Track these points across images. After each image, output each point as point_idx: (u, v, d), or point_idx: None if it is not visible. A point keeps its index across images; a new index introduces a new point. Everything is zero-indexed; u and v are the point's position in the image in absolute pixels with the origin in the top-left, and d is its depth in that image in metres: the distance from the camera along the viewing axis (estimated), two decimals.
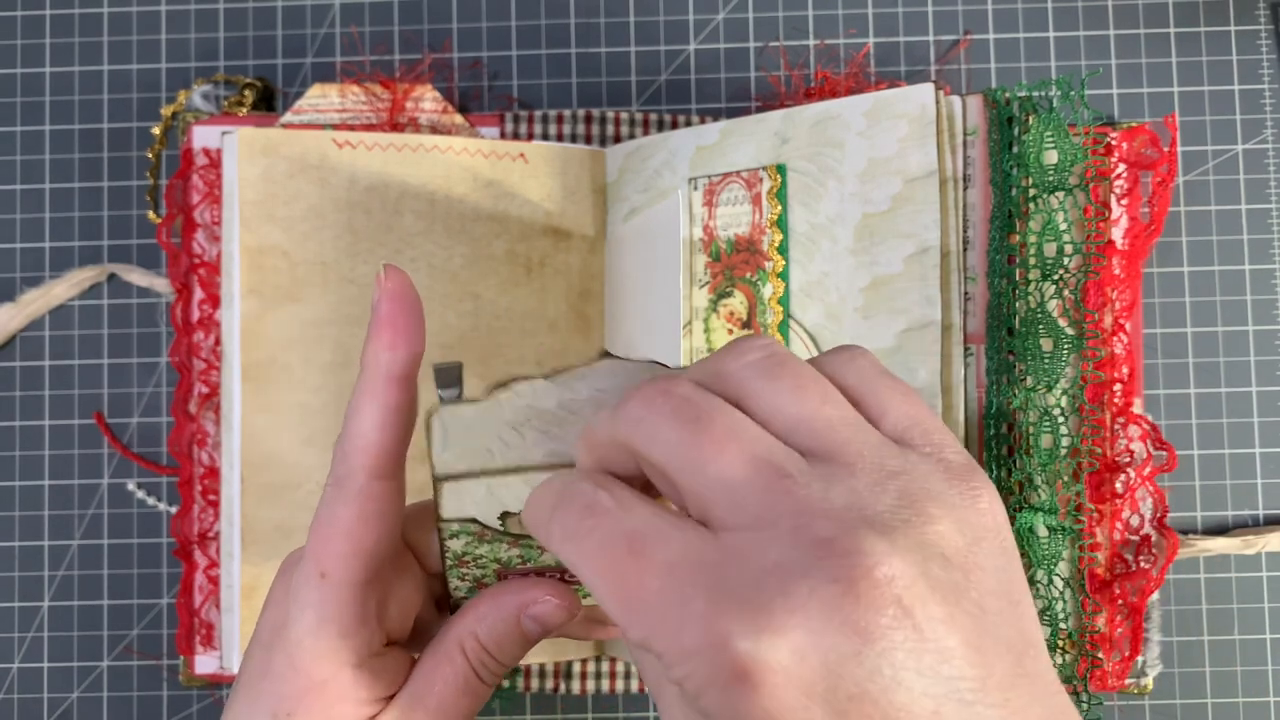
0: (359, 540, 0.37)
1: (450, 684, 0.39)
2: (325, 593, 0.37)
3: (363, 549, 0.37)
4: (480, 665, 0.39)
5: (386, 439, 0.37)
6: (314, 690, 0.37)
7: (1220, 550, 0.60)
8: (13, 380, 0.64)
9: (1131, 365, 0.56)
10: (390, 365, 0.37)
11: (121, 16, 0.65)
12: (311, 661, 0.37)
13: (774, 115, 0.55)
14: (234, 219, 0.57)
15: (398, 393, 0.38)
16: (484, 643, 0.39)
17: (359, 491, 0.37)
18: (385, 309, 0.38)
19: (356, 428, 0.37)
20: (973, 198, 0.52)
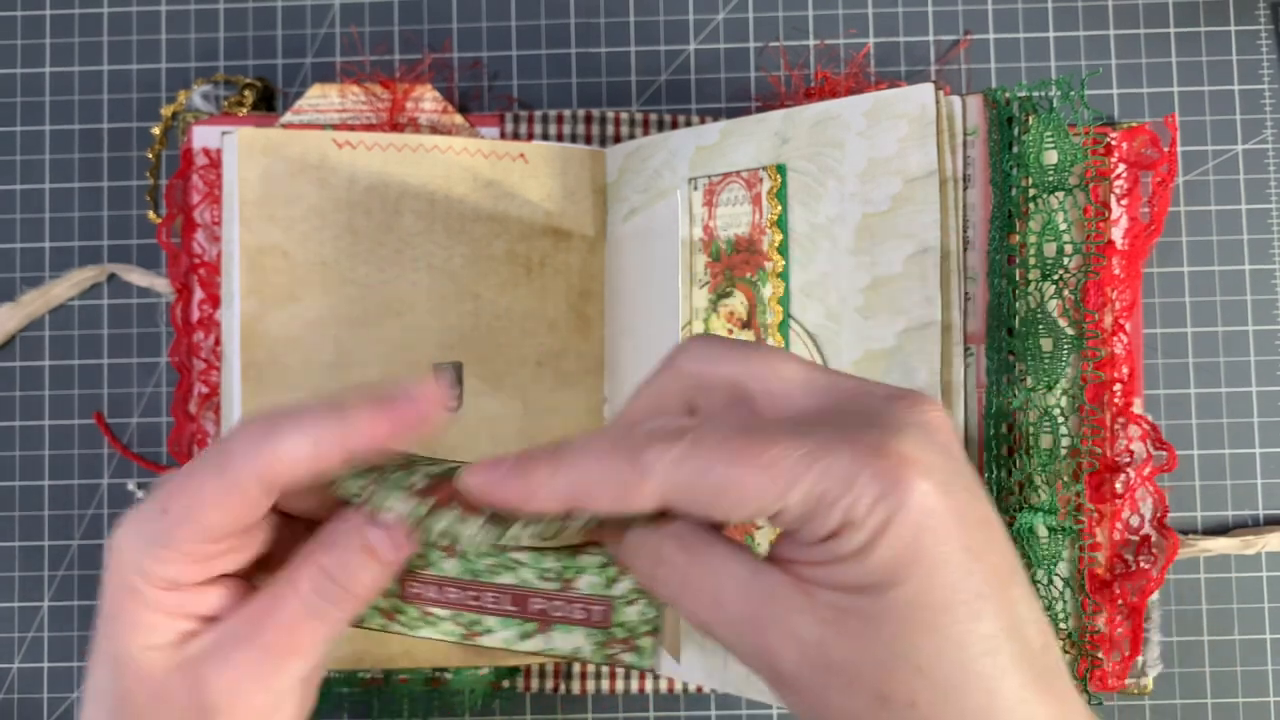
0: (206, 517, 0.36)
1: (282, 618, 0.37)
2: (158, 529, 0.36)
3: (205, 524, 0.36)
4: (319, 593, 0.37)
5: (293, 469, 0.36)
6: (129, 594, 0.37)
7: (1220, 550, 0.60)
8: (13, 380, 0.64)
9: (1131, 365, 0.56)
10: (353, 433, 0.37)
11: (121, 16, 0.65)
12: (127, 571, 0.37)
13: (774, 115, 0.55)
14: (234, 219, 0.57)
15: (336, 454, 0.37)
16: (324, 566, 0.37)
17: (237, 489, 0.36)
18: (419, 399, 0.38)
19: (290, 440, 0.36)
20: (973, 198, 0.52)
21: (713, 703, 0.62)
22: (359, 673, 0.60)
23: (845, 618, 0.32)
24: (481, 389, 0.58)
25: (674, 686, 0.62)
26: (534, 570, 0.39)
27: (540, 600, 0.39)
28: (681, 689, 0.62)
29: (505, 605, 0.39)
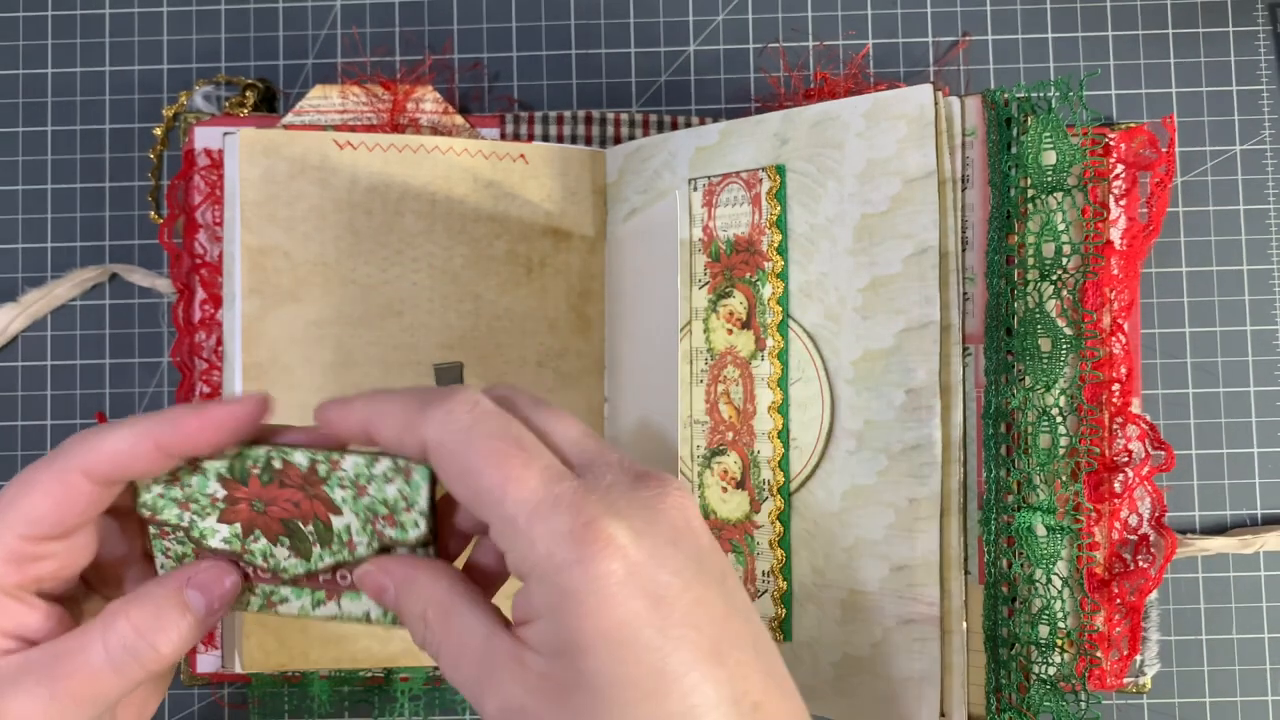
0: (30, 505, 0.37)
1: (81, 665, 0.38)
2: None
3: (28, 513, 0.37)
4: (126, 649, 0.38)
5: (114, 463, 0.37)
6: None
7: (1218, 550, 0.61)
8: (15, 380, 0.64)
9: (1130, 365, 0.56)
10: (171, 433, 0.38)
11: (123, 18, 0.65)
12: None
13: (773, 116, 0.55)
14: (235, 219, 0.58)
15: (156, 454, 0.38)
16: (136, 623, 0.38)
17: (60, 476, 0.37)
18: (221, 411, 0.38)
19: (113, 433, 0.37)
20: (971, 198, 0.52)
21: None
22: (359, 672, 0.60)
23: (545, 684, 0.34)
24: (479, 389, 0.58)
25: None
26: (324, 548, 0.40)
27: (327, 573, 0.41)
28: None
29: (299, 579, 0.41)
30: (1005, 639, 0.52)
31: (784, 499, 0.54)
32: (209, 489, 0.40)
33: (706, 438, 0.57)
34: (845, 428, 0.53)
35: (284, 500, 0.40)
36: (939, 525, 0.49)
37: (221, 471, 0.39)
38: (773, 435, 0.55)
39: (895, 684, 0.50)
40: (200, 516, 0.40)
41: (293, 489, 0.39)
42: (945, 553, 0.50)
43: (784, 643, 0.54)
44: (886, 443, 0.51)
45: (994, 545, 0.52)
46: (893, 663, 0.50)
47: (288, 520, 0.40)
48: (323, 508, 0.40)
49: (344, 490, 0.39)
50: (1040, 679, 0.52)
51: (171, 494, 0.40)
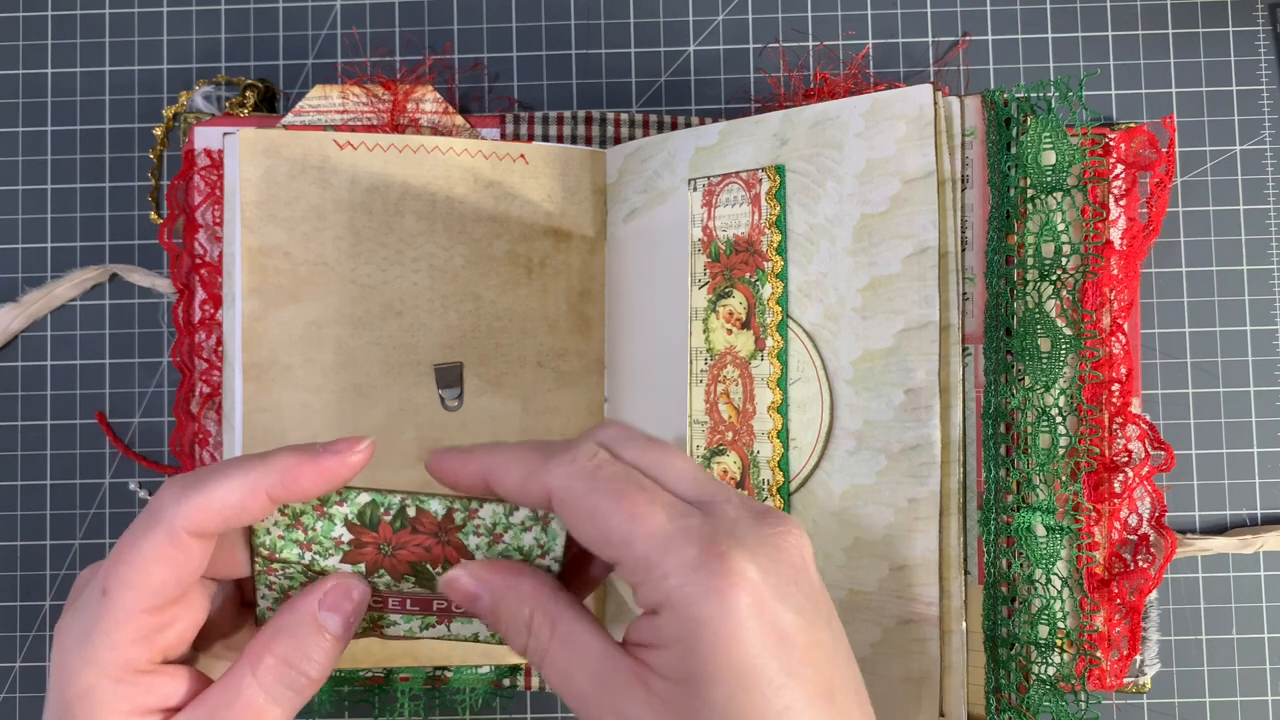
0: (145, 575, 0.37)
1: (238, 708, 0.38)
2: (101, 608, 0.37)
3: (145, 583, 0.37)
4: (280, 681, 0.39)
5: (223, 513, 0.37)
6: (78, 701, 0.38)
7: (1218, 549, 0.61)
8: (15, 380, 0.64)
9: (1129, 365, 0.56)
10: (278, 480, 0.38)
11: (123, 18, 0.65)
12: (75, 673, 0.38)
13: (773, 116, 0.55)
14: (235, 219, 0.58)
15: (261, 499, 0.38)
16: (282, 656, 0.39)
17: (167, 537, 0.37)
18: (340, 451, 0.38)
19: (210, 482, 0.37)
20: (971, 198, 0.52)
21: None
22: (359, 672, 0.60)
23: (670, 709, 0.35)
24: (482, 389, 0.59)
25: None
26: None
27: (442, 600, 0.41)
28: None
29: (409, 606, 0.42)
30: (1005, 639, 0.52)
31: (783, 499, 0.54)
32: (335, 533, 0.39)
33: (706, 438, 0.57)
34: (845, 428, 0.53)
35: (415, 545, 0.40)
36: (938, 525, 0.49)
37: (350, 517, 0.39)
38: (772, 435, 0.55)
39: (895, 684, 0.50)
40: (322, 556, 0.40)
41: (425, 535, 0.40)
42: (945, 553, 0.50)
43: None
44: (886, 443, 0.51)
45: (993, 545, 0.52)
46: (892, 663, 0.50)
47: (416, 563, 0.40)
48: (455, 553, 0.40)
49: (479, 537, 0.40)
50: (1040, 679, 0.52)
51: (293, 535, 0.40)
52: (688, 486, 0.38)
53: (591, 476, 0.37)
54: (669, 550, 0.35)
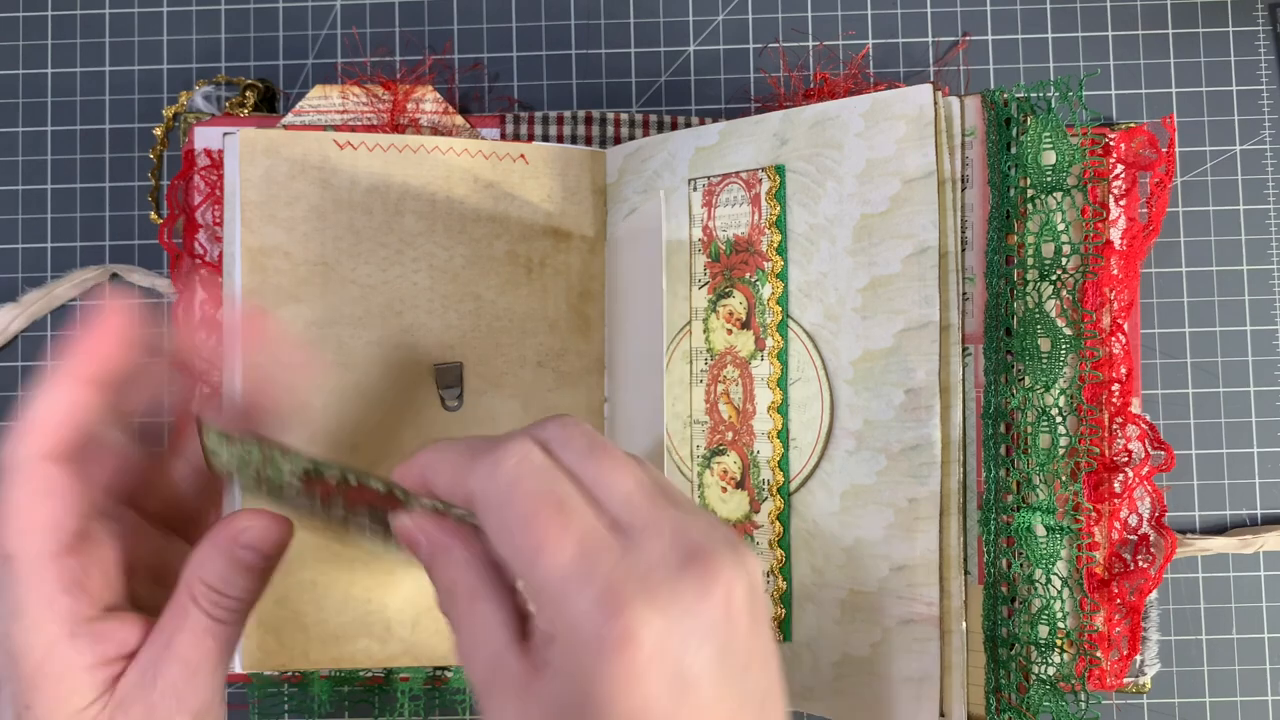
0: (31, 518, 0.38)
1: (189, 632, 0.40)
2: (15, 573, 0.38)
3: (36, 525, 0.38)
4: (214, 606, 0.40)
5: (58, 424, 0.38)
6: (38, 672, 0.38)
7: (1218, 549, 0.61)
8: (15, 380, 0.64)
9: (1129, 365, 0.56)
10: (78, 365, 0.39)
11: (123, 18, 0.65)
12: (23, 646, 0.38)
13: (773, 116, 0.55)
14: (235, 219, 0.58)
15: (81, 390, 0.39)
16: (211, 584, 0.40)
17: (26, 473, 0.38)
18: (95, 326, 0.40)
19: (30, 413, 0.39)
20: (971, 198, 0.52)
21: None
22: (359, 672, 0.60)
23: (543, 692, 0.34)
24: (482, 389, 0.59)
25: None
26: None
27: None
28: None
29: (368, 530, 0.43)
30: (1005, 639, 0.52)
31: (784, 499, 0.54)
32: (285, 478, 0.41)
33: (706, 438, 0.57)
34: (845, 428, 0.53)
35: (362, 501, 0.41)
36: (938, 525, 0.49)
37: (297, 471, 0.41)
38: (772, 435, 0.55)
39: (895, 684, 0.50)
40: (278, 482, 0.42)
41: (370, 499, 0.41)
42: (945, 553, 0.50)
43: (783, 643, 0.54)
44: (886, 443, 0.51)
45: (993, 545, 0.52)
46: (892, 663, 0.50)
47: (370, 506, 0.42)
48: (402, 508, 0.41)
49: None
50: (1040, 679, 0.52)
51: (247, 472, 0.41)
52: (620, 508, 0.36)
53: (511, 487, 0.36)
54: (570, 587, 0.34)
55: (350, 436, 0.58)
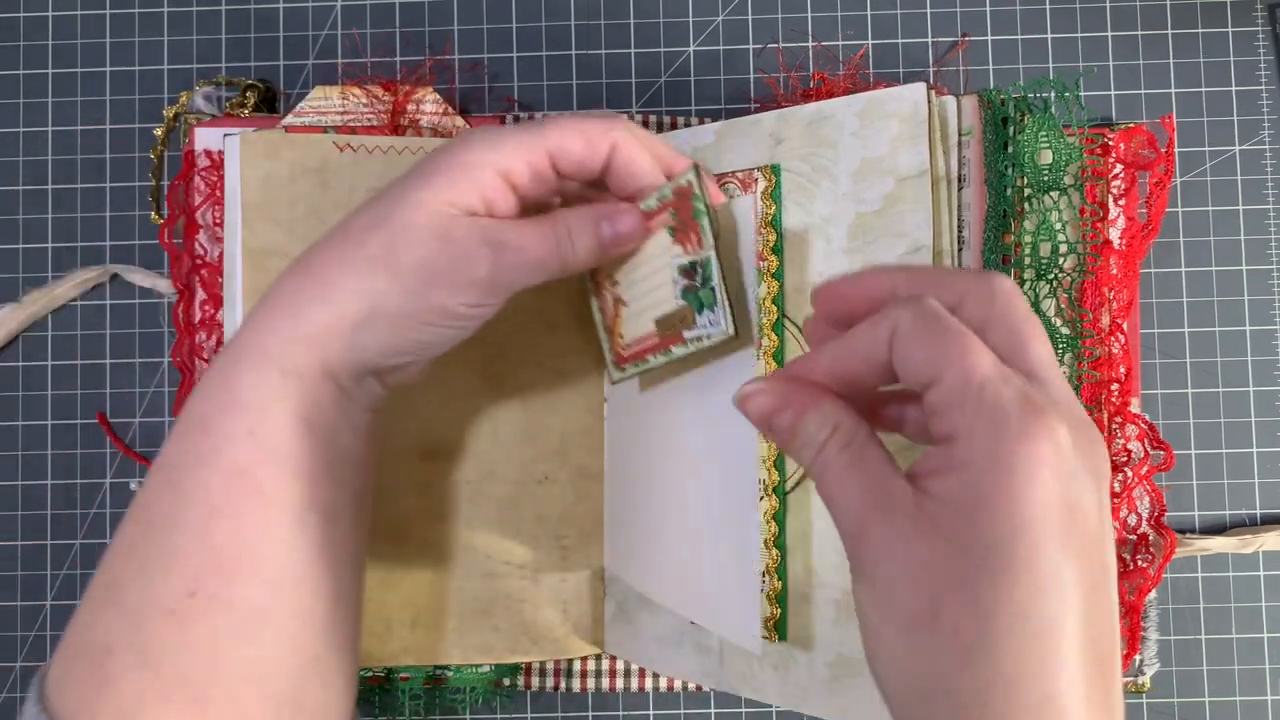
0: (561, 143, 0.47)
1: (538, 235, 0.47)
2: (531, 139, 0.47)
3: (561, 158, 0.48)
4: (564, 239, 0.48)
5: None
6: (462, 167, 0.46)
7: (1217, 549, 0.61)
8: (15, 380, 0.64)
9: (1129, 365, 0.56)
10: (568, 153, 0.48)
11: (124, 18, 0.65)
12: (471, 151, 0.46)
13: (768, 116, 0.55)
14: (236, 220, 0.58)
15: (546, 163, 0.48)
16: (570, 227, 0.48)
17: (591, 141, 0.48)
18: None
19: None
20: (968, 197, 0.52)
21: (712, 701, 0.63)
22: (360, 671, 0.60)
23: (936, 530, 0.35)
24: (481, 389, 0.59)
25: (674, 685, 0.62)
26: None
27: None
28: (681, 688, 0.62)
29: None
30: None
31: (779, 498, 0.54)
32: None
33: None
34: None
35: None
36: None
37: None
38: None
39: None
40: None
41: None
42: None
43: (778, 642, 0.54)
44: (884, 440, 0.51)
45: None
46: None
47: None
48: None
49: None
50: None
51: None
52: (1036, 363, 0.38)
53: (944, 314, 0.37)
54: (991, 385, 0.35)
55: None
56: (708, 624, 0.55)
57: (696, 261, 0.50)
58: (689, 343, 0.51)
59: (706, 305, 0.50)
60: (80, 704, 0.41)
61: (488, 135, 0.46)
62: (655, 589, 0.58)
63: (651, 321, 0.52)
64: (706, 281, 0.50)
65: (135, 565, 0.42)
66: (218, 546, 0.42)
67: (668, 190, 0.49)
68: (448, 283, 0.45)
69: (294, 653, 0.44)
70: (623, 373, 0.55)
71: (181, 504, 0.43)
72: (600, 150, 0.48)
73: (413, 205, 0.44)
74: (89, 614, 0.43)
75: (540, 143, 0.46)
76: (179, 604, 0.41)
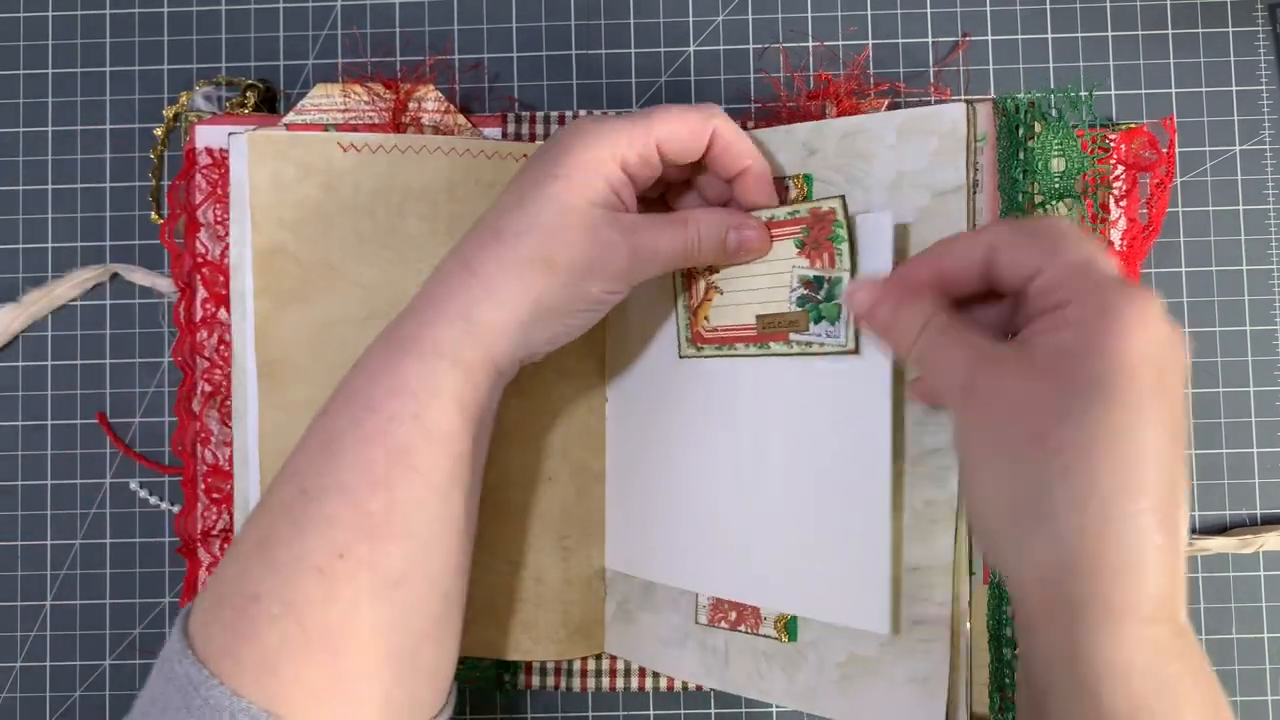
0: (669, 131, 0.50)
1: (672, 236, 0.51)
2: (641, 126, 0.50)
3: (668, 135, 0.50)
4: (694, 243, 0.52)
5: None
6: (595, 163, 0.49)
7: (1218, 549, 0.61)
8: (15, 380, 0.64)
9: None
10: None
11: (124, 18, 0.65)
12: (600, 146, 0.49)
13: (803, 127, 0.54)
14: (244, 220, 0.58)
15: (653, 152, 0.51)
16: (702, 231, 0.52)
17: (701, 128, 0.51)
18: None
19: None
20: (981, 202, 0.52)
21: (712, 701, 0.63)
22: None
23: (1048, 371, 0.40)
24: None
25: (674, 685, 0.62)
26: None
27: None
28: (681, 687, 0.62)
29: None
30: (1009, 638, 0.52)
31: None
32: None
33: None
34: None
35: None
36: (955, 528, 0.49)
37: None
38: None
39: (901, 684, 0.50)
40: None
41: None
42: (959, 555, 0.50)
43: (789, 642, 0.54)
44: (905, 445, 0.51)
45: None
46: (900, 663, 0.50)
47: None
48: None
49: None
50: None
51: None
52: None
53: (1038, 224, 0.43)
54: (1096, 262, 0.41)
55: None
56: (813, 613, 0.54)
57: (824, 278, 0.52)
58: (793, 344, 0.53)
59: (827, 318, 0.52)
60: (225, 648, 0.45)
61: (602, 128, 0.50)
62: (713, 584, 0.57)
63: (753, 316, 0.54)
64: (832, 298, 0.51)
65: (289, 524, 0.46)
66: (371, 514, 0.46)
67: (803, 209, 0.52)
68: (598, 274, 0.49)
69: (420, 615, 0.48)
70: (697, 351, 0.56)
71: (341, 473, 0.47)
72: (703, 136, 0.51)
73: (558, 206, 0.49)
74: (237, 565, 0.47)
75: (649, 132, 0.50)
76: (328, 564, 0.45)
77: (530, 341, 0.50)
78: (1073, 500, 0.38)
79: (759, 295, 0.54)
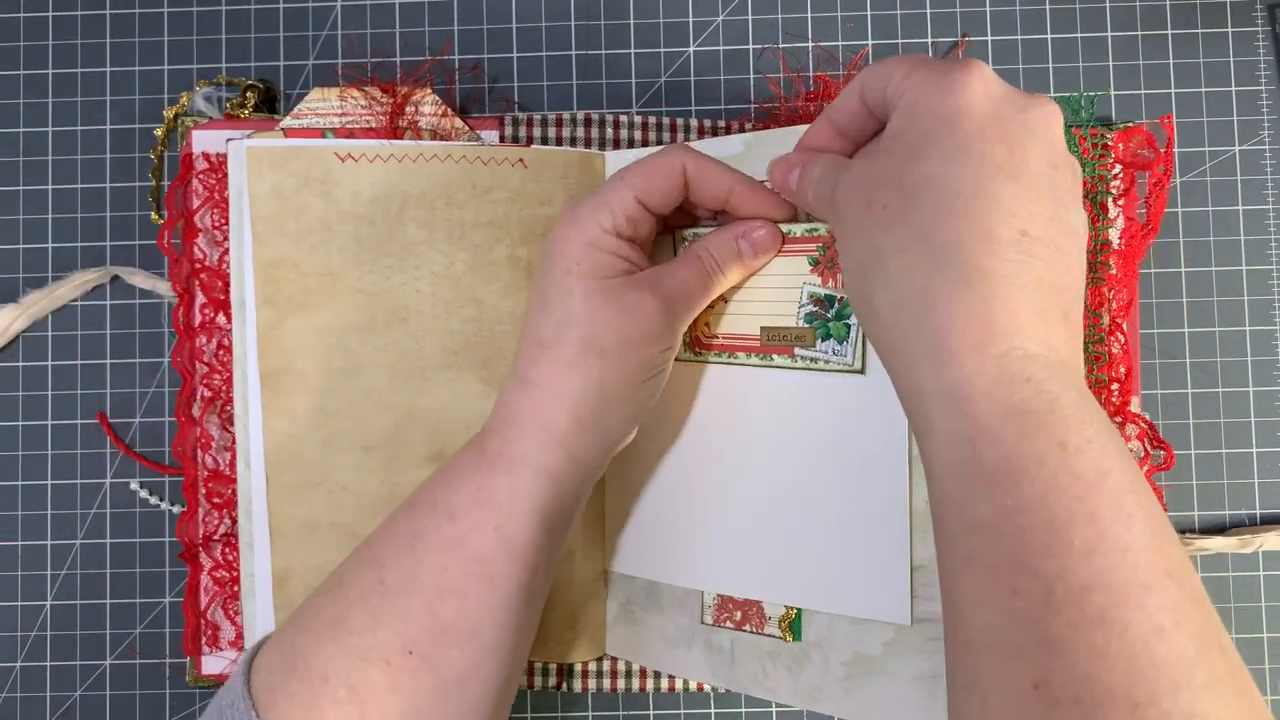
0: (647, 185, 0.51)
1: (691, 272, 0.52)
2: (616, 191, 0.51)
3: (646, 189, 0.51)
4: (712, 268, 0.53)
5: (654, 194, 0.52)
6: (587, 249, 0.50)
7: (1217, 549, 0.61)
8: (16, 380, 0.64)
9: (1129, 365, 0.57)
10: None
11: (124, 18, 0.65)
12: (584, 236, 0.50)
13: (801, 129, 0.54)
14: (244, 227, 0.58)
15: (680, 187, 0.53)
16: (714, 254, 0.53)
17: (671, 172, 0.52)
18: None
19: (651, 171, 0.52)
20: None
21: (712, 701, 0.63)
22: None
23: (878, 155, 0.44)
24: (483, 391, 0.59)
25: (674, 685, 0.62)
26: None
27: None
28: (681, 687, 0.62)
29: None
30: None
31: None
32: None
33: None
34: None
35: None
36: None
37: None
38: None
39: (905, 683, 0.50)
40: None
41: None
42: None
43: (793, 642, 0.54)
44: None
45: None
46: (903, 662, 0.51)
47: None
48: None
49: None
50: None
51: None
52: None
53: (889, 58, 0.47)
54: (929, 60, 0.44)
55: (363, 438, 0.58)
56: (830, 607, 0.54)
57: (835, 297, 0.52)
58: (798, 359, 0.53)
59: (835, 336, 0.52)
60: (287, 718, 0.46)
61: (579, 210, 0.51)
62: (721, 582, 0.57)
63: (758, 326, 0.55)
64: (841, 317, 0.52)
65: (366, 614, 0.48)
66: (442, 617, 0.48)
67: (822, 228, 0.53)
68: (643, 338, 0.50)
69: (475, 711, 0.49)
70: (696, 356, 0.57)
71: (418, 575, 0.48)
72: (675, 175, 0.52)
73: (581, 293, 0.49)
74: (312, 640, 0.48)
75: (627, 191, 0.51)
76: (395, 658, 0.47)
77: (610, 429, 0.51)
78: (896, 246, 0.41)
79: (766, 307, 0.55)
